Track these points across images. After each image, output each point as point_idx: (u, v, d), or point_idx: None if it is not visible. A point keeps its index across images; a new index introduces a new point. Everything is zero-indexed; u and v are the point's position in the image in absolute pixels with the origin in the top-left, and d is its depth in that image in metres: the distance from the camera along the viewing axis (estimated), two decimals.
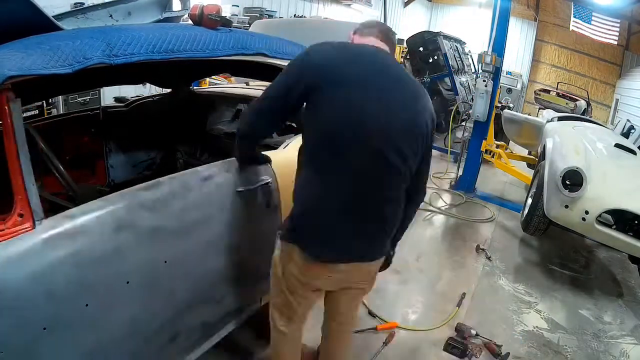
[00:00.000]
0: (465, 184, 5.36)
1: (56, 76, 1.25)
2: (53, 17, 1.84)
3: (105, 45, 1.38)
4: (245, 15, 7.45)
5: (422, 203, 4.95)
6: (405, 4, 14.89)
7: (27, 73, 1.19)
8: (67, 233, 1.22)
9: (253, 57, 2.04)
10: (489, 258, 3.73)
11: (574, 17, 11.92)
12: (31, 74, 1.20)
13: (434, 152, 7.69)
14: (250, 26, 4.23)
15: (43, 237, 1.17)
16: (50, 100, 4.22)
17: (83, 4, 3.81)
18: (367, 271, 1.58)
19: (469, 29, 14.08)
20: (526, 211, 4.03)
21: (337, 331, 1.86)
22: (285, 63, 2.29)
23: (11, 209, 1.17)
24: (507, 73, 13.25)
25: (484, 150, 5.28)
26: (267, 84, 4.30)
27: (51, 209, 1.80)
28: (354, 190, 1.36)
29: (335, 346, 1.89)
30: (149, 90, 5.10)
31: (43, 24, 1.67)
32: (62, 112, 4.23)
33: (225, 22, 2.00)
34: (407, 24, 14.77)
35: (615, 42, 12.23)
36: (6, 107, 1.18)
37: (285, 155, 2.07)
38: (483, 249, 3.84)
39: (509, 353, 2.49)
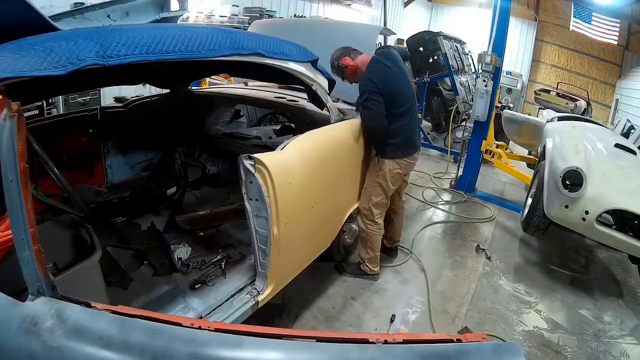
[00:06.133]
0: (465, 184, 5.35)
1: (50, 78, 1.24)
2: (51, 17, 1.83)
3: (99, 47, 1.36)
4: (245, 15, 7.43)
5: (422, 201, 4.96)
6: (405, 4, 14.87)
7: (20, 75, 1.18)
8: None
9: (249, 58, 2.03)
10: (489, 258, 3.72)
11: (574, 17, 11.91)
12: (24, 75, 1.18)
13: (434, 152, 7.68)
14: (250, 26, 4.22)
15: None
16: (50, 100, 4.22)
17: (83, 4, 3.81)
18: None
19: (469, 29, 14.05)
20: (526, 211, 4.02)
21: (401, 206, 3.34)
22: (282, 63, 2.29)
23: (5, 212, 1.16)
24: (507, 73, 13.23)
25: (484, 150, 5.26)
26: (266, 84, 4.29)
27: (47, 210, 1.80)
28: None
29: (402, 215, 3.38)
30: (149, 90, 5.09)
31: (39, 25, 1.66)
32: (62, 112, 4.22)
33: None
34: (407, 24, 14.74)
35: (615, 42, 12.20)
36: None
37: (281, 157, 2.05)
38: (483, 249, 3.83)
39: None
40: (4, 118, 0.86)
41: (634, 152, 4.10)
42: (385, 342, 0.82)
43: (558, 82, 13.88)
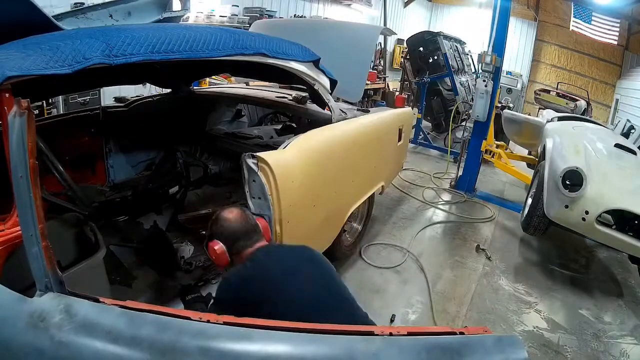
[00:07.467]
0: (465, 184, 5.36)
1: (56, 76, 1.25)
2: (53, 17, 1.84)
3: (105, 46, 1.37)
4: (245, 15, 7.44)
5: (422, 201, 4.95)
6: (405, 4, 14.87)
7: (27, 73, 1.18)
8: None
9: (253, 57, 2.04)
10: (489, 258, 3.73)
11: (574, 17, 11.93)
12: (31, 74, 1.19)
13: (434, 152, 7.63)
14: (250, 26, 4.23)
15: None
16: (50, 100, 4.22)
17: (83, 4, 3.81)
18: None
19: (469, 29, 14.06)
20: (526, 211, 4.03)
21: None
22: (285, 63, 2.30)
23: (11, 209, 1.17)
24: (507, 73, 13.23)
25: (484, 150, 5.28)
26: (267, 84, 4.30)
27: (51, 208, 1.81)
28: None
29: None
30: (149, 90, 5.09)
31: (43, 24, 1.67)
32: (62, 112, 4.23)
33: None
34: (407, 24, 14.75)
35: (615, 42, 12.22)
36: (5, 107, 1.18)
37: (283, 156, 2.06)
38: (483, 249, 3.84)
39: None
40: (14, 115, 0.88)
41: (634, 152, 4.11)
42: (390, 334, 0.83)
43: (558, 82, 13.89)
